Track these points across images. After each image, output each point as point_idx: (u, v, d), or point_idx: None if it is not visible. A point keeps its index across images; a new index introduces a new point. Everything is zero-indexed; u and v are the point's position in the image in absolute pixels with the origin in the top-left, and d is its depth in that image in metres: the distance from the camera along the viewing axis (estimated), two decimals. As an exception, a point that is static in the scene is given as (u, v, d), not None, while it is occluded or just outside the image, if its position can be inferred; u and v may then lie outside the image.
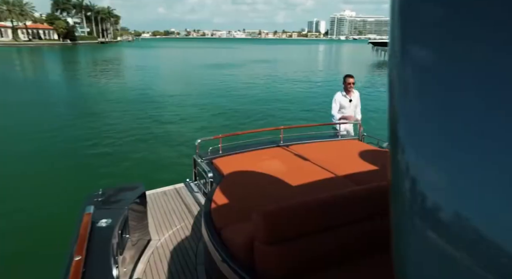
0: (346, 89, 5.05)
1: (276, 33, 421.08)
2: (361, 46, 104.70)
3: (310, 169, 3.07)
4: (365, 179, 2.74)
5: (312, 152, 3.54)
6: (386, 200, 1.78)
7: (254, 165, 3.18)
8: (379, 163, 3.08)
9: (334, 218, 1.64)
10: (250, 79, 24.33)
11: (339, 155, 3.45)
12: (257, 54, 62.09)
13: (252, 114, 13.17)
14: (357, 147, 3.65)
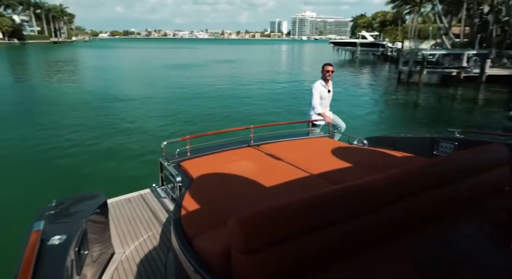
0: (324, 78, 4.88)
1: (239, 33, 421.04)
2: (322, 46, 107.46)
3: (283, 169, 2.97)
4: (340, 177, 2.68)
5: (284, 150, 3.44)
6: (370, 197, 1.66)
7: (225, 166, 3.02)
8: (351, 160, 3.04)
9: (318, 219, 1.53)
10: (215, 80, 23.99)
11: (311, 153, 3.38)
12: (221, 55, 61.56)
13: (218, 115, 12.93)
14: (329, 145, 3.60)
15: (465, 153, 2.04)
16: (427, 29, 44.77)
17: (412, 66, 22.73)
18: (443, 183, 1.79)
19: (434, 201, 1.75)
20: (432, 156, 3.50)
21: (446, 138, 3.44)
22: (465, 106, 16.68)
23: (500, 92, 18.96)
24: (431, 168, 1.85)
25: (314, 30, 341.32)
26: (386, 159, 3.04)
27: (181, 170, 3.02)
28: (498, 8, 29.05)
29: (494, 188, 2.04)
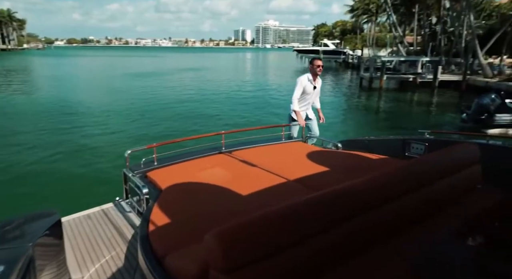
0: (313, 73, 4.59)
1: (204, 41, 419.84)
2: (286, 54, 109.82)
3: (258, 175, 2.82)
4: (318, 182, 2.58)
5: (257, 156, 3.30)
6: (354, 202, 1.55)
7: (196, 175, 2.82)
8: (327, 164, 2.97)
9: (303, 228, 1.39)
10: (181, 88, 23.50)
11: (286, 158, 3.27)
12: (186, 63, 60.75)
13: (186, 122, 12.58)
14: (303, 149, 3.52)
15: (439, 153, 2.05)
16: (384, 38, 47.30)
17: (373, 73, 23.76)
18: (422, 183, 1.76)
19: (416, 203, 1.72)
20: (404, 157, 3.54)
21: (417, 139, 3.49)
22: (423, 109, 17.63)
23: (451, 96, 20.31)
24: (410, 169, 1.83)
25: (278, 39, 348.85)
26: (361, 162, 3.01)
27: (147, 180, 2.77)
28: (444, 19, 31.38)
29: (467, 186, 2.06)
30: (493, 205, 1.92)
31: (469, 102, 12.21)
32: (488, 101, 10.79)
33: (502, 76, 21.54)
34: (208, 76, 32.84)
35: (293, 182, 2.65)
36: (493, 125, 10.71)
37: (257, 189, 2.48)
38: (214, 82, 27.25)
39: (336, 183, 1.63)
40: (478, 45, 23.11)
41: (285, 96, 19.91)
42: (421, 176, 1.77)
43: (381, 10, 40.97)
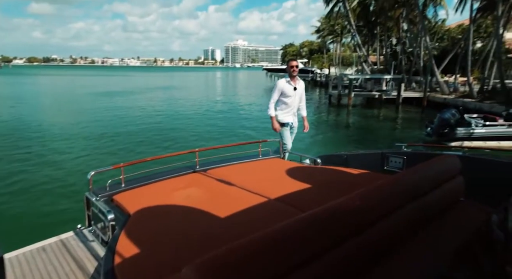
0: (290, 74, 4.42)
1: (173, 61, 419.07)
2: (256, 73, 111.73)
3: (237, 195, 2.63)
4: (300, 200, 2.44)
5: (234, 174, 3.12)
6: (347, 221, 1.41)
7: (168, 196, 2.58)
8: (308, 181, 2.84)
9: (295, 254, 1.21)
10: (152, 107, 22.93)
11: (264, 176, 3.11)
12: (155, 82, 59.93)
13: (157, 142, 12.12)
14: (281, 166, 3.38)
15: (423, 166, 2.01)
16: (349, 57, 49.52)
17: (341, 90, 24.58)
18: (412, 197, 1.70)
19: (407, 218, 1.63)
20: (384, 171, 3.52)
21: (395, 153, 3.49)
22: (390, 124, 18.32)
23: (414, 112, 21.34)
24: (399, 183, 1.76)
25: (247, 58, 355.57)
26: (342, 177, 2.92)
27: (113, 205, 2.49)
28: (403, 40, 33.48)
29: (452, 199, 2.02)
30: (477, 218, 1.88)
31: (431, 117, 12.84)
32: (449, 116, 11.38)
33: (457, 93, 23.08)
34: (178, 95, 32.44)
35: (274, 201, 2.48)
36: (455, 139, 11.27)
37: (237, 210, 2.29)
38: (185, 101, 26.90)
39: (320, 200, 1.56)
40: (435, 64, 24.71)
41: (257, 113, 19.97)
42: (410, 189, 1.71)
43: (345, 31, 43.07)
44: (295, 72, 4.40)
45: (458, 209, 1.98)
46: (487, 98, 19.32)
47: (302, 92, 4.60)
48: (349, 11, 33.57)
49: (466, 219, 1.87)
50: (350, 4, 33.88)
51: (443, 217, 1.85)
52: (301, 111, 4.73)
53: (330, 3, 36.33)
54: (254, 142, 3.87)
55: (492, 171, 2.83)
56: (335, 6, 36.67)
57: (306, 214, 1.37)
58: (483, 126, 11.37)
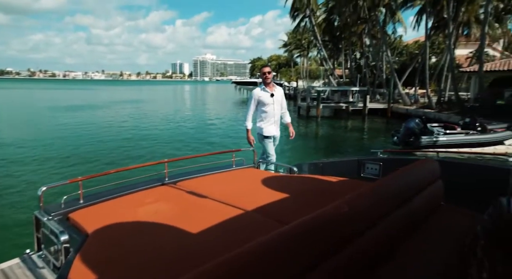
0: (263, 81, 4.20)
1: (140, 74, 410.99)
2: (225, 86, 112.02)
3: (210, 208, 2.41)
4: (278, 210, 2.28)
5: (207, 186, 2.89)
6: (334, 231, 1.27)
7: (134, 213, 2.30)
8: (285, 190, 2.69)
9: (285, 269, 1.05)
10: (117, 120, 22.02)
11: (239, 187, 2.91)
12: (121, 95, 58.13)
13: (121, 155, 11.51)
14: (256, 175, 3.20)
15: (404, 170, 1.96)
16: (316, 70, 51.01)
17: (309, 102, 25.08)
18: (396, 204, 1.62)
19: (394, 225, 1.55)
20: (361, 177, 3.46)
21: (371, 159, 3.46)
22: (359, 134, 18.85)
23: (380, 122, 22.17)
24: (383, 189, 1.67)
25: (216, 72, 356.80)
26: (320, 185, 2.80)
27: (68, 224, 2.17)
28: (367, 55, 35.09)
29: (434, 204, 1.98)
30: (460, 222, 1.85)
31: (395, 127, 13.32)
32: (414, 125, 11.85)
33: (418, 104, 24.36)
34: (146, 108, 31.55)
35: (251, 213, 2.29)
36: (420, 147, 11.72)
37: (211, 224, 2.07)
38: (153, 114, 26.16)
39: (299, 210, 1.51)
40: (397, 77, 26.01)
41: (227, 125, 19.77)
42: (395, 195, 1.64)
43: (312, 46, 44.47)
44: (268, 79, 4.16)
45: (441, 213, 1.94)
46: (444, 109, 20.50)
47: (281, 99, 4.34)
48: (315, 26, 34.76)
49: (449, 224, 1.84)
50: (315, 20, 35.13)
51: (428, 222, 1.80)
52: (284, 119, 4.52)
53: (296, 19, 37.47)
54: (227, 151, 3.67)
55: (468, 174, 2.84)
56: (302, 21, 37.86)
57: (293, 225, 1.22)
58: (444, 134, 11.95)
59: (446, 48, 23.37)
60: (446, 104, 21.66)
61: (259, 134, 4.33)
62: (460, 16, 22.35)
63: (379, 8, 27.44)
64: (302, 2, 33.46)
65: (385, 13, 28.04)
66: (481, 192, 2.70)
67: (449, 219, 1.91)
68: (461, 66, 27.32)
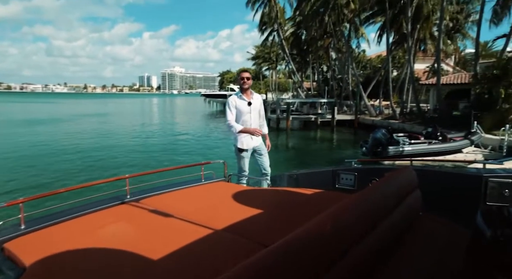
0: (241, 87, 3.80)
1: (105, 87, 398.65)
2: (194, 99, 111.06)
3: (178, 228, 2.15)
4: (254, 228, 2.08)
5: (173, 203, 2.63)
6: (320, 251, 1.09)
7: (88, 237, 1.99)
8: (259, 205, 2.49)
9: None
10: (78, 134, 20.87)
11: (209, 203, 2.67)
12: (85, 108, 55.72)
13: (78, 171, 10.75)
14: (228, 190, 2.97)
15: (384, 180, 1.84)
16: (285, 83, 51.91)
17: (279, 114, 25.28)
18: (380, 216, 1.51)
19: (380, 237, 1.44)
20: (336, 188, 3.35)
21: (346, 170, 3.37)
22: (328, 145, 19.17)
23: (348, 133, 22.74)
24: (365, 201, 1.55)
25: (184, 85, 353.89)
26: (295, 198, 2.64)
27: (3, 256, 1.82)
28: (333, 68, 36.28)
29: (413, 214, 1.88)
30: (441, 232, 1.80)
31: (363, 137, 13.66)
32: (381, 136, 12.18)
33: (383, 115, 25.35)
34: (110, 122, 30.29)
35: (222, 232, 2.06)
36: (388, 157, 12.03)
37: (178, 246, 1.82)
38: (117, 128, 25.13)
39: (274, 226, 1.44)
40: (362, 90, 26.99)
41: (196, 138, 19.32)
42: (377, 207, 1.53)
43: (280, 59, 45.32)
44: (246, 84, 3.78)
45: (420, 224, 1.85)
46: (407, 120, 21.45)
47: (260, 108, 3.95)
48: (283, 40, 35.52)
49: (430, 234, 1.77)
50: (283, 34, 35.92)
51: (409, 233, 1.71)
52: (262, 129, 4.14)
53: (265, 32, 38.14)
54: (195, 164, 3.41)
55: (443, 182, 2.82)
56: (270, 35, 38.58)
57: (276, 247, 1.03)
58: (410, 144, 12.38)
59: (406, 62, 24.67)
60: (408, 115, 22.68)
61: (234, 146, 4.00)
62: (417, 33, 23.76)
63: (344, 23, 28.60)
64: (270, 16, 34.16)
65: (349, 28, 29.27)
66: (456, 200, 2.67)
67: (429, 229, 1.84)
68: (419, 79, 28.92)
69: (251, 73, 26.00)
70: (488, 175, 2.55)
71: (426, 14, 22.85)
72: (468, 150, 13.09)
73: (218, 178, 3.48)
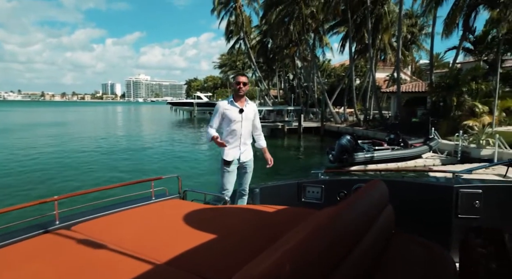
0: (236, 93, 3.35)
1: (65, 95, 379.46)
2: (160, 107, 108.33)
3: (115, 263, 1.75)
4: (209, 263, 1.71)
5: (113, 229, 2.21)
6: None
7: (3, 277, 1.56)
8: (217, 228, 2.14)
9: None
10: (27, 145, 19.26)
11: (157, 227, 2.27)
12: (41, 117, 52.26)
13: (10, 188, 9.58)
14: (182, 209, 2.56)
15: (356, 197, 1.63)
16: (252, 91, 52.04)
17: (246, 122, 25.12)
18: (354, 239, 1.30)
19: (356, 264, 1.24)
20: (301, 203, 3.10)
21: (312, 182, 3.14)
22: (295, 152, 19.16)
23: (314, 140, 22.99)
24: (338, 224, 1.29)
25: (150, 93, 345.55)
26: (256, 218, 2.32)
27: None
28: (299, 76, 36.89)
29: (388, 233, 1.67)
30: (417, 252, 1.60)
31: (329, 144, 13.74)
32: (346, 143, 12.31)
33: (348, 122, 25.99)
34: (67, 132, 28.45)
35: (166, 266, 1.69)
36: (354, 163, 12.17)
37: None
38: (74, 138, 23.59)
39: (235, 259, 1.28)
40: (327, 98, 27.57)
41: (158, 150, 18.43)
42: (349, 229, 1.31)
43: (247, 67, 45.42)
44: (242, 91, 3.32)
45: (395, 244, 1.64)
46: (371, 126, 22.09)
47: (254, 117, 3.51)
48: (249, 49, 35.60)
49: (405, 255, 1.58)
50: (250, 42, 36.04)
51: (385, 256, 1.50)
52: (258, 142, 3.76)
53: (231, 40, 38.06)
54: (144, 180, 3.00)
55: (414, 194, 2.66)
56: (236, 43, 38.57)
57: None
58: (374, 150, 12.63)
59: (368, 70, 25.58)
60: (371, 122, 23.40)
61: (220, 158, 3.51)
62: (377, 43, 24.76)
63: (309, 33, 29.22)
64: (236, 25, 34.18)
65: (314, 37, 29.93)
66: (428, 214, 2.49)
67: (404, 249, 1.63)
68: (380, 87, 30.12)
69: (218, 81, 25.47)
70: (459, 186, 2.42)
71: (385, 26, 23.90)
72: (427, 155, 13.60)
73: (172, 195, 3.09)
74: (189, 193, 3.05)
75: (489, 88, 16.29)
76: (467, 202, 2.37)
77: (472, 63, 20.10)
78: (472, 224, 2.31)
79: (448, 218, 2.38)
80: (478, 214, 2.34)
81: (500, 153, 11.92)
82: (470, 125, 15.14)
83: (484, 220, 2.36)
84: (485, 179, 2.77)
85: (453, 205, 2.37)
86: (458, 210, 2.38)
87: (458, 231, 2.32)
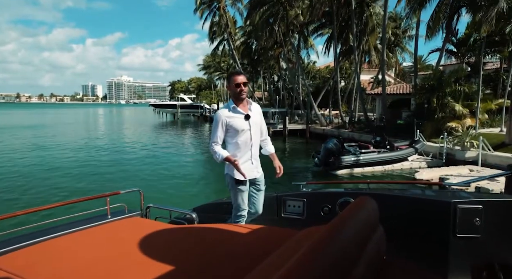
0: (236, 97, 2.74)
1: (43, 96, 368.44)
2: (143, 109, 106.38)
3: None
4: None
5: (50, 261, 1.69)
6: None
7: None
8: (181, 253, 1.70)
9: None
10: None
11: (115, 251, 1.77)
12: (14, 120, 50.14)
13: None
14: (141, 229, 2.06)
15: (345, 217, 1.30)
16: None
17: (230, 124, 24.61)
18: (343, 271, 1.03)
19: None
20: (281, 219, 2.75)
21: (293, 195, 2.79)
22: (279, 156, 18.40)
23: (300, 142, 22.68)
24: (325, 253, 0.94)
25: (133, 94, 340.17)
26: (229, 240, 1.88)
27: None
28: (284, 78, 36.72)
29: (379, 260, 1.36)
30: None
31: (314, 146, 13.39)
32: (332, 146, 12.00)
33: (333, 124, 25.85)
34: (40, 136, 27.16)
35: None
36: (341, 167, 11.85)
37: None
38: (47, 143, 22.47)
39: None
40: (313, 100, 27.38)
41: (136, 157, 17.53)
42: (338, 260, 1.06)
43: (231, 68, 44.94)
44: (244, 93, 2.72)
45: (387, 273, 1.35)
46: (356, 129, 21.98)
47: (260, 121, 2.91)
48: (233, 50, 35.14)
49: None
50: (234, 43, 35.58)
51: None
52: (265, 148, 3.10)
53: (215, 41, 37.51)
54: (97, 196, 2.47)
55: (406, 210, 2.31)
56: (220, 44, 38.04)
57: None
58: (360, 153, 12.36)
59: (353, 72, 25.56)
60: (357, 124, 23.31)
61: (228, 176, 2.86)
62: (363, 45, 24.78)
63: (294, 34, 29.02)
64: (220, 25, 33.67)
65: (299, 38, 29.76)
66: (422, 233, 2.20)
67: None
68: (365, 89, 30.23)
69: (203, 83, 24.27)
70: (457, 201, 2.09)
71: (371, 28, 23.93)
72: (413, 158, 13.47)
73: (132, 212, 2.57)
74: (153, 209, 2.54)
75: (472, 90, 16.41)
76: (466, 219, 2.07)
77: (455, 65, 20.32)
78: (472, 245, 2.06)
79: (445, 238, 2.10)
80: (478, 233, 2.06)
81: (484, 155, 11.88)
82: (453, 127, 15.17)
83: (485, 241, 2.07)
84: (485, 193, 2.47)
85: (451, 223, 2.08)
86: (456, 229, 2.07)
87: (457, 253, 2.07)
